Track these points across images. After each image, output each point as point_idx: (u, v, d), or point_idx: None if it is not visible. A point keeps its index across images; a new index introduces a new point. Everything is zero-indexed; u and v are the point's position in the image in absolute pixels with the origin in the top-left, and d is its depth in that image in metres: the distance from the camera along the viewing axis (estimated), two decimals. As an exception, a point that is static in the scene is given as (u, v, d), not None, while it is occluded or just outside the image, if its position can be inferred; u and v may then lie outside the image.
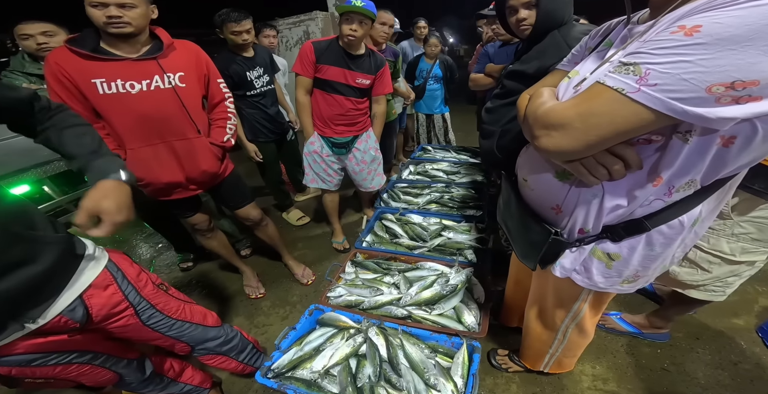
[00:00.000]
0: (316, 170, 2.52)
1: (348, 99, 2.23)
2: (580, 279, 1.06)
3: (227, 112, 1.82)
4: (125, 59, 1.43)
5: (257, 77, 2.58)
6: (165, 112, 1.56)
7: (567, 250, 1.01)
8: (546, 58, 1.34)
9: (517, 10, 1.42)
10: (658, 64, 0.59)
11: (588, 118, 0.68)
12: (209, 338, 1.43)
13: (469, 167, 3.11)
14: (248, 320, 2.24)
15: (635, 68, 0.61)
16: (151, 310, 1.19)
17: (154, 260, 3.00)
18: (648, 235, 0.89)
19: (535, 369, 1.65)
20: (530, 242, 1.07)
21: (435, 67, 3.64)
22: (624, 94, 0.62)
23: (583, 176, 0.80)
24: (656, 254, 0.93)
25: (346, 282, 1.90)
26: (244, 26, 2.31)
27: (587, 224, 0.93)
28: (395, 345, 1.49)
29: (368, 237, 2.33)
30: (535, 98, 0.84)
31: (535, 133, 0.79)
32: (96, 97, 1.43)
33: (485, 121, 1.61)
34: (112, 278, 1.09)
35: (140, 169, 1.59)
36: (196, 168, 1.71)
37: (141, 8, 1.38)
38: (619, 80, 0.63)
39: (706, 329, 1.93)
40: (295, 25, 5.73)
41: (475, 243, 2.15)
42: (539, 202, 1.04)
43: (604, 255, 0.98)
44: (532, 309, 1.45)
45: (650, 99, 0.60)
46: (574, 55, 1.06)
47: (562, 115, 0.72)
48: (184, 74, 1.59)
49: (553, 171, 0.95)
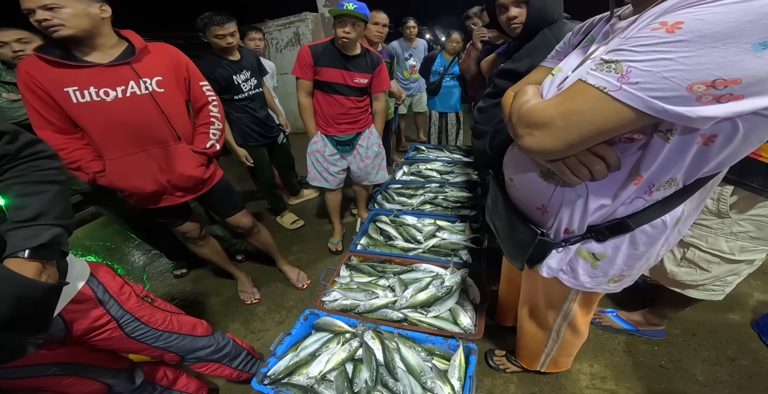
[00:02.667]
0: (318, 169, 2.53)
1: (348, 98, 2.25)
2: (566, 279, 1.06)
3: (210, 117, 1.76)
4: (96, 65, 1.38)
5: (245, 81, 2.55)
6: (143, 120, 1.51)
7: (553, 250, 1.01)
8: (537, 57, 1.32)
9: (507, 8, 1.41)
10: (639, 62, 0.58)
11: (569, 116, 0.67)
12: (199, 347, 1.41)
13: (463, 166, 3.11)
14: (244, 326, 2.21)
15: (617, 66, 0.60)
16: (135, 323, 1.17)
17: (147, 267, 2.96)
18: (632, 234, 0.89)
19: (531, 369, 1.64)
20: (517, 241, 1.07)
21: (454, 64, 3.54)
22: (605, 92, 0.61)
23: (566, 176, 0.80)
24: (640, 253, 0.93)
25: (341, 286, 1.89)
26: (228, 29, 2.28)
27: (572, 224, 0.93)
28: (391, 349, 1.47)
29: (362, 240, 2.31)
30: (519, 96, 0.84)
31: (518, 132, 0.78)
32: (70, 106, 1.38)
33: (477, 121, 1.60)
34: (92, 292, 1.06)
35: (121, 179, 1.56)
36: (179, 175, 1.67)
37: (71, 8, 1.26)
38: (601, 78, 0.62)
39: (702, 325, 1.93)
40: (285, 26, 5.70)
41: (470, 243, 2.15)
42: (525, 201, 1.04)
43: (590, 255, 0.98)
44: (524, 309, 1.45)
45: (631, 98, 0.59)
46: (557, 51, 1.06)
47: (544, 114, 0.71)
48: (162, 79, 1.54)
49: (537, 170, 0.94)
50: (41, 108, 1.37)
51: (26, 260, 0.77)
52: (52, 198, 0.87)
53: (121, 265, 3.03)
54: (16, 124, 1.81)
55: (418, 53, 4.25)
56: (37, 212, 0.83)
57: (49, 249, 0.81)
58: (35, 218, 0.82)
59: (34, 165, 0.88)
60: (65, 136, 1.46)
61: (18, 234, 0.79)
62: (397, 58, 3.77)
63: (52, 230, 0.83)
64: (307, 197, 3.82)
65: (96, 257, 3.20)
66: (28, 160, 0.88)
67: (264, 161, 2.94)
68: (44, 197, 0.86)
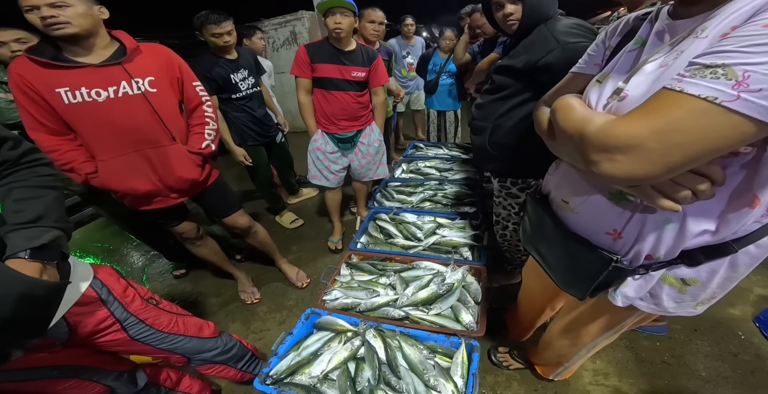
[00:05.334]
0: (319, 167, 2.53)
1: (347, 94, 2.26)
2: (645, 306, 0.93)
3: (205, 117, 1.75)
4: (87, 66, 1.37)
5: (242, 80, 2.53)
6: (136, 120, 1.50)
7: (629, 277, 0.87)
8: (534, 52, 1.32)
9: (503, 5, 1.40)
10: (758, 65, 0.48)
11: (668, 136, 0.55)
12: (205, 349, 1.40)
13: (462, 163, 3.10)
14: (245, 326, 2.21)
15: (727, 71, 0.50)
16: (139, 325, 1.17)
17: (146, 268, 2.95)
18: (733, 257, 0.76)
19: (546, 377, 1.63)
20: (577, 269, 0.95)
21: (449, 61, 3.46)
22: (717, 103, 0.51)
23: (654, 200, 0.66)
24: (739, 275, 0.82)
25: (341, 285, 1.88)
26: (225, 28, 2.26)
27: (658, 250, 0.80)
28: (393, 347, 1.47)
29: (362, 238, 2.31)
30: (568, 111, 0.73)
31: (591, 157, 0.64)
32: (62, 107, 1.37)
33: (475, 117, 1.59)
34: (96, 295, 1.06)
35: (113, 180, 1.55)
36: (173, 176, 1.66)
37: (77, 7, 1.29)
38: (708, 87, 0.52)
39: (703, 320, 1.93)
40: (282, 25, 5.68)
41: (471, 241, 2.14)
42: (589, 226, 0.90)
43: (678, 281, 0.85)
44: (559, 325, 1.35)
45: (755, 108, 0.49)
46: (591, 55, 0.96)
47: (630, 134, 0.58)
48: (155, 79, 1.53)
49: (605, 192, 0.82)
50: (33, 110, 1.36)
51: (27, 261, 0.77)
52: (51, 203, 0.89)
53: (120, 266, 3.02)
54: (13, 125, 1.83)
55: (416, 51, 4.22)
56: (38, 214, 0.84)
57: (50, 250, 0.82)
58: (36, 220, 0.83)
59: (33, 171, 0.91)
60: (58, 138, 1.45)
61: (19, 235, 0.80)
62: (395, 56, 3.75)
63: (53, 231, 0.84)
64: (306, 196, 3.80)
65: (95, 258, 3.19)
66: (29, 166, 0.90)
67: (262, 161, 2.92)
68: (44, 201, 0.88)
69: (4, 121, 1.78)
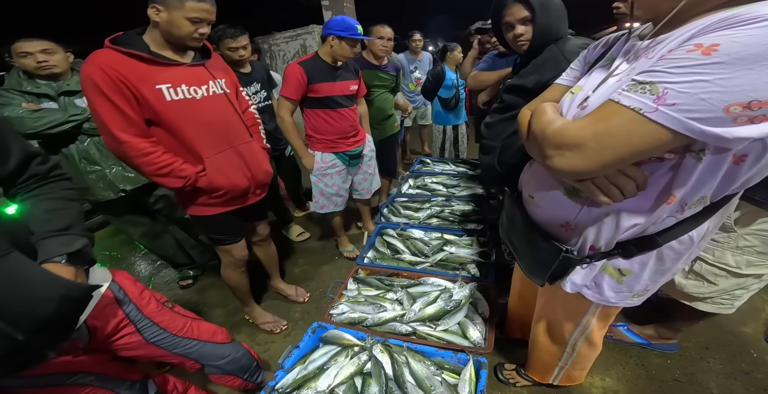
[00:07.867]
0: (328, 194, 2.54)
1: (350, 109, 2.31)
2: (590, 294, 1.06)
3: (256, 118, 1.80)
4: (182, 64, 1.40)
5: (254, 93, 2.58)
6: (226, 117, 1.55)
7: (577, 266, 1.01)
8: (544, 72, 1.35)
9: (513, 26, 1.43)
10: (675, 84, 0.58)
11: (604, 138, 0.66)
12: (218, 355, 1.41)
13: (468, 180, 3.11)
14: (250, 338, 2.20)
15: (652, 87, 0.61)
16: (154, 328, 1.18)
17: (153, 277, 2.96)
18: (659, 251, 0.90)
19: (543, 382, 1.62)
20: (538, 258, 1.06)
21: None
22: (641, 113, 0.62)
23: (595, 195, 0.78)
24: (666, 269, 0.95)
25: (348, 299, 1.88)
26: (241, 42, 2.32)
27: (599, 241, 0.93)
28: (400, 362, 1.46)
29: (369, 253, 2.31)
30: (540, 115, 0.83)
31: (546, 152, 0.77)
32: (163, 104, 1.35)
33: (485, 137, 1.60)
34: (113, 297, 1.09)
35: (220, 177, 1.56)
36: (261, 170, 1.72)
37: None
38: (636, 99, 0.62)
39: (715, 339, 1.91)
40: (292, 38, 5.76)
41: (478, 257, 2.13)
42: (547, 219, 1.03)
43: (615, 271, 0.98)
44: (539, 323, 1.44)
45: (669, 119, 0.59)
46: (573, 69, 1.07)
47: (576, 135, 0.70)
48: (226, 81, 1.58)
49: (562, 188, 0.94)
50: (126, 107, 1.28)
51: (64, 265, 0.84)
52: (77, 214, 0.97)
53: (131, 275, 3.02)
54: (35, 134, 1.88)
55: (424, 66, 4.28)
56: (68, 223, 0.91)
57: (82, 256, 0.89)
58: (67, 228, 0.90)
59: (60, 185, 0.98)
60: (149, 140, 1.39)
61: (54, 241, 0.86)
62: (403, 71, 3.80)
63: (82, 239, 0.91)
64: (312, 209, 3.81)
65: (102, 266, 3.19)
66: (56, 180, 0.98)
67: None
68: (70, 212, 0.95)
69: (24, 131, 1.78)
